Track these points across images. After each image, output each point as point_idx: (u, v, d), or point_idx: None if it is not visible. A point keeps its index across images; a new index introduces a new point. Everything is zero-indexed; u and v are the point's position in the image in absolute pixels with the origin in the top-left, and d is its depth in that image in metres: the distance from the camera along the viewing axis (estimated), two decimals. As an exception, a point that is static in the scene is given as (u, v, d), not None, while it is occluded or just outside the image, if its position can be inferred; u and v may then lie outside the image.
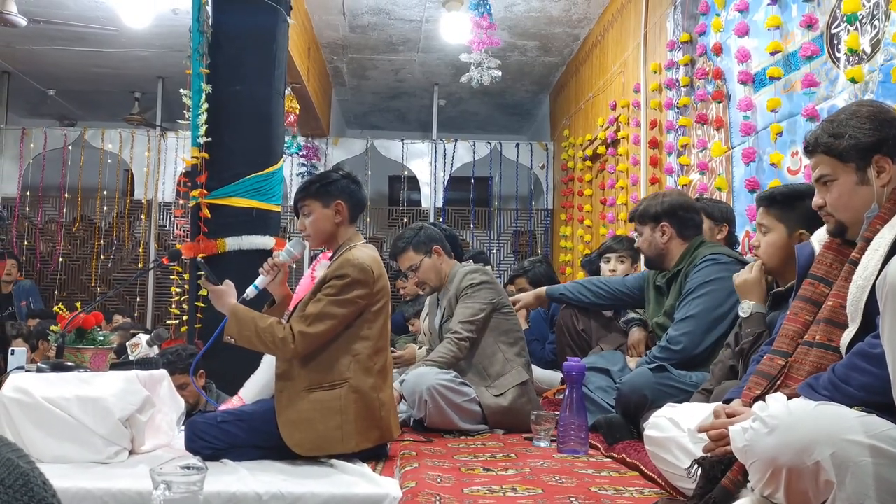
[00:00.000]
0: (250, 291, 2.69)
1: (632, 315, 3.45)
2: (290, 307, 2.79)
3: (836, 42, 3.05)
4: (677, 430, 2.03)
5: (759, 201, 2.43)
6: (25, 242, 8.27)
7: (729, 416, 1.77)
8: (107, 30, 6.64)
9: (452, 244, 3.75)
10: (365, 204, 2.85)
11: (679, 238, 3.10)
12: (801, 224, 2.26)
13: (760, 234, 2.39)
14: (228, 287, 2.64)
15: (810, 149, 1.84)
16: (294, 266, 4.35)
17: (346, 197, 2.70)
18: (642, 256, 3.35)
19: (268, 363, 2.74)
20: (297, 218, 2.77)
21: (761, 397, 1.71)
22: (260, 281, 2.72)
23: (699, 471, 1.77)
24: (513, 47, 7.22)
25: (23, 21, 5.88)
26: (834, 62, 3.06)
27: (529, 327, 4.52)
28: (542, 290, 3.81)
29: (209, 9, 4.34)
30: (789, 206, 2.31)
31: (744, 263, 2.90)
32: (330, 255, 2.80)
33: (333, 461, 2.49)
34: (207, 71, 4.23)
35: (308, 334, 2.48)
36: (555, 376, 4.18)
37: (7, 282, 6.17)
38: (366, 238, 8.45)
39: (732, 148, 3.94)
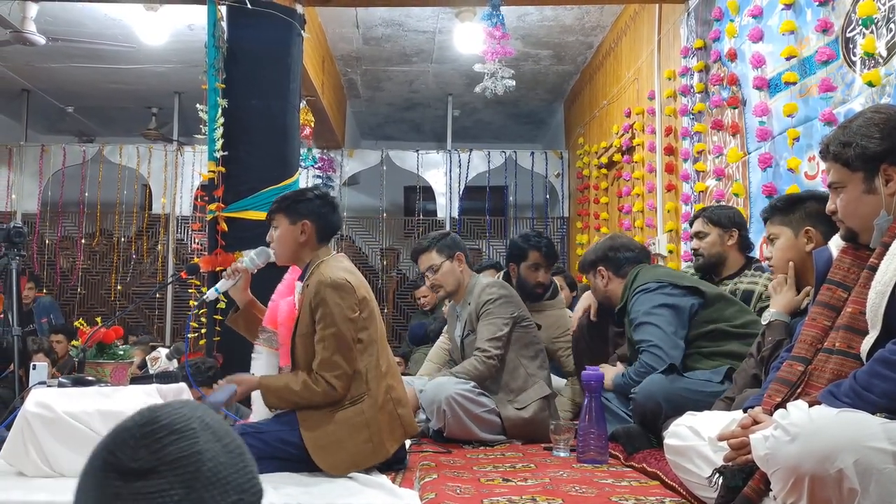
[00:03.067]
0: (210, 294, 2.75)
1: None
2: (266, 323, 2.77)
3: (851, 46, 3.04)
4: (697, 438, 2.02)
5: (762, 217, 2.49)
6: (46, 258, 8.35)
7: (750, 422, 1.75)
8: (124, 46, 6.71)
9: None
10: (337, 227, 2.83)
11: (617, 277, 3.27)
12: (805, 223, 2.32)
13: (771, 246, 2.43)
14: (238, 377, 2.63)
15: (823, 155, 1.84)
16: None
17: (314, 218, 2.69)
18: None
19: (263, 369, 2.74)
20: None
21: (782, 404, 1.70)
22: (221, 284, 2.76)
23: (720, 480, 1.76)
24: (526, 56, 7.23)
25: (42, 40, 5.96)
26: (850, 66, 3.04)
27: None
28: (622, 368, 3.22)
29: (224, 24, 4.39)
30: (790, 209, 2.37)
31: (677, 286, 2.96)
32: (299, 274, 2.76)
33: (353, 473, 2.49)
34: (223, 86, 4.28)
35: (339, 375, 2.51)
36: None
37: (24, 302, 6.23)
38: (382, 249, 8.36)
39: (749, 153, 3.92)
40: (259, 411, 2.74)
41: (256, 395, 2.74)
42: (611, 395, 3.09)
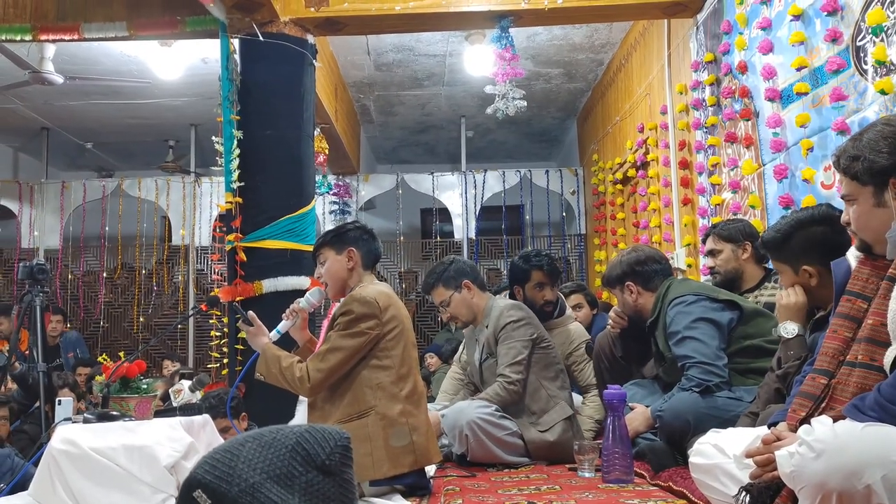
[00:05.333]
0: (272, 336, 2.81)
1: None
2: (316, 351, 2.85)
3: (862, 54, 3.03)
4: (723, 456, 2.01)
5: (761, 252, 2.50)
6: (69, 293, 8.44)
7: (775, 439, 1.74)
8: (140, 82, 6.82)
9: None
10: (379, 255, 2.98)
11: (647, 291, 3.18)
12: (799, 260, 2.31)
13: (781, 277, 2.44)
14: (260, 328, 2.77)
15: (835, 167, 1.84)
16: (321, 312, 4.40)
17: (358, 245, 2.84)
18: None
19: (304, 408, 2.79)
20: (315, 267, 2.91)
21: (806, 419, 1.68)
22: (282, 326, 2.85)
23: (747, 498, 1.74)
24: (537, 76, 7.27)
25: (59, 79, 6.08)
26: (862, 74, 3.03)
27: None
28: (648, 411, 3.01)
29: (237, 57, 4.45)
30: (780, 248, 2.37)
31: (714, 299, 2.91)
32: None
33: (375, 499, 2.49)
34: (238, 117, 4.33)
35: (320, 369, 2.60)
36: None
37: (53, 336, 6.29)
38: (400, 272, 8.40)
39: (763, 165, 3.90)
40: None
41: (301, 411, 2.78)
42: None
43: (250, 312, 2.82)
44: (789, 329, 2.36)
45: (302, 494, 0.96)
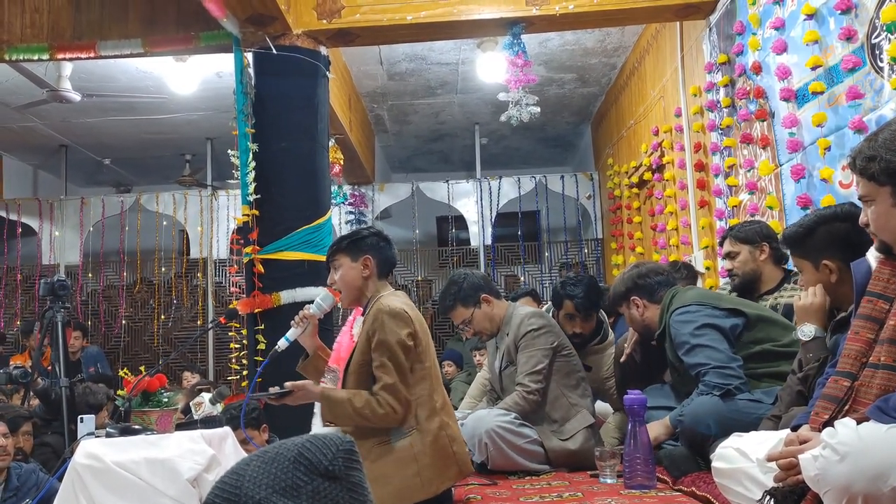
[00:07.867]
0: (282, 344, 2.70)
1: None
2: (331, 363, 2.76)
3: (877, 52, 3.01)
4: (746, 460, 1.99)
5: (782, 249, 2.46)
6: (90, 308, 8.51)
7: (799, 442, 1.72)
8: (156, 97, 6.89)
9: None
10: (395, 262, 2.88)
11: (653, 304, 3.16)
12: (820, 255, 2.27)
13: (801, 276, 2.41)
14: (301, 387, 2.58)
15: (851, 168, 1.81)
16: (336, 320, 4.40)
17: (374, 252, 2.75)
18: None
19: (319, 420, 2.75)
20: (328, 272, 2.81)
21: (830, 422, 1.67)
22: (291, 333, 2.73)
23: (771, 502, 1.72)
24: (550, 81, 7.26)
25: (77, 96, 6.15)
26: (877, 72, 3.01)
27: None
28: (667, 419, 3.02)
29: (251, 71, 4.48)
30: (802, 243, 2.33)
31: (717, 307, 2.88)
32: (362, 311, 2.77)
33: (398, 510, 2.48)
34: (253, 130, 4.36)
35: (402, 400, 2.50)
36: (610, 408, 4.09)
37: (73, 351, 6.34)
38: (417, 280, 8.38)
39: (780, 165, 3.88)
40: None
41: (316, 423, 2.73)
42: (653, 413, 3.04)
43: (286, 385, 2.56)
44: (806, 331, 2.34)
45: (309, 503, 0.98)
